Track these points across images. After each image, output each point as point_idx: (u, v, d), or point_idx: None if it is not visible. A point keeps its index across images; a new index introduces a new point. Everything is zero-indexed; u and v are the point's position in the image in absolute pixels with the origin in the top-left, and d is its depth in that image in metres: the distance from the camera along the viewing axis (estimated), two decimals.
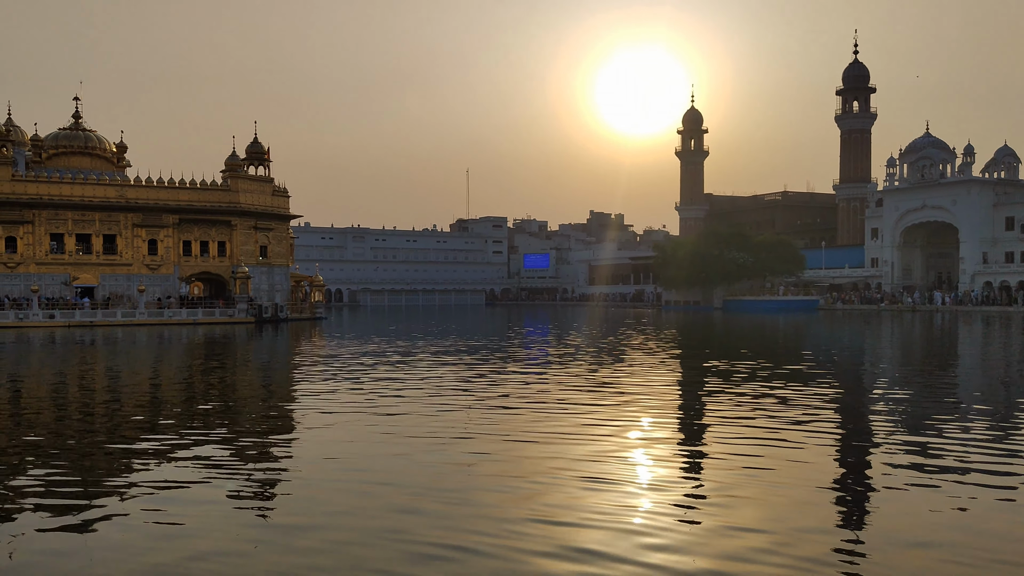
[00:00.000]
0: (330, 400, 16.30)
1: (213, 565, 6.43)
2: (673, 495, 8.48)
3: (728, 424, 12.79)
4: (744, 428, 12.35)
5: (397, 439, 11.83)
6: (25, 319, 54.16)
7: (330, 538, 7.07)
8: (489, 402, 15.75)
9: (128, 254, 61.03)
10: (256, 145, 66.61)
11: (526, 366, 23.84)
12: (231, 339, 40.69)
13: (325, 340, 38.93)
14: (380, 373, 21.68)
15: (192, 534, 7.26)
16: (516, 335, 41.53)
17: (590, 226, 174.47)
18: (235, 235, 64.43)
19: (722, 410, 14.36)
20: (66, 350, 33.46)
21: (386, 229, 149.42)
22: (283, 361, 28.40)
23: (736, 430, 12.19)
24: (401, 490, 8.77)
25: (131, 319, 57.04)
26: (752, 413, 13.83)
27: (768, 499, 8.25)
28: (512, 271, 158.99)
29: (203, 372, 23.98)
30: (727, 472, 9.54)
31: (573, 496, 8.38)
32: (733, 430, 12.21)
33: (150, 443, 11.72)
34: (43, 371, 24.39)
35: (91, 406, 16.45)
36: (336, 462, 10.42)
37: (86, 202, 59.37)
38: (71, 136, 63.29)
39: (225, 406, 16.15)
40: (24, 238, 57.91)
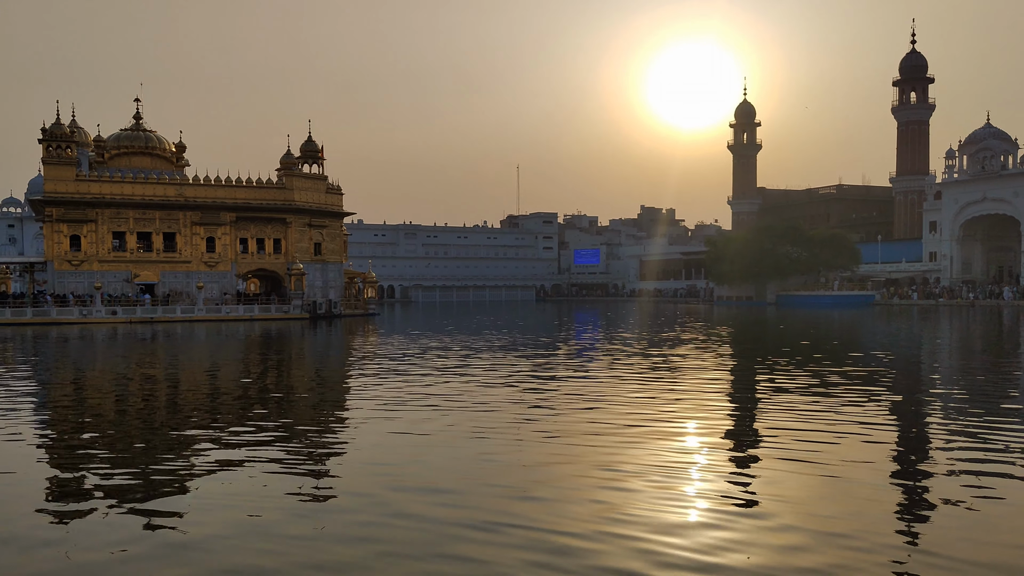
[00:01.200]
0: (384, 394, 16.46)
1: (270, 560, 6.52)
2: (727, 490, 8.46)
3: (783, 420, 12.65)
4: (799, 425, 12.21)
5: (447, 433, 11.93)
6: (89, 315, 55.72)
7: (386, 534, 7.14)
8: (539, 398, 15.74)
9: (187, 252, 62.42)
10: (310, 144, 67.58)
11: (577, 361, 23.84)
12: (286, 335, 41.37)
13: (378, 335, 39.37)
14: (433, 367, 21.83)
15: (250, 529, 7.37)
16: (567, 330, 41.51)
17: (641, 221, 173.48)
18: (290, 232, 65.46)
19: (776, 406, 14.19)
20: (128, 345, 34.34)
21: (437, 226, 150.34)
22: (338, 356, 28.77)
23: (791, 427, 12.06)
24: (450, 482, 8.87)
25: (190, 315, 58.34)
26: (807, 409, 13.68)
27: (824, 497, 8.20)
28: (562, 267, 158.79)
29: (260, 367, 24.43)
30: (780, 469, 9.46)
31: (623, 492, 8.38)
32: (788, 427, 12.08)
33: (210, 435, 11.99)
34: (106, 365, 25.09)
35: (153, 400, 16.86)
36: (392, 454, 10.56)
37: (147, 201, 60.86)
38: (132, 137, 64.89)
39: (281, 400, 16.41)
40: (88, 236, 59.57)
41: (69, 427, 13.19)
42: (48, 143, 58.50)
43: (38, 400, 17.01)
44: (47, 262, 59.65)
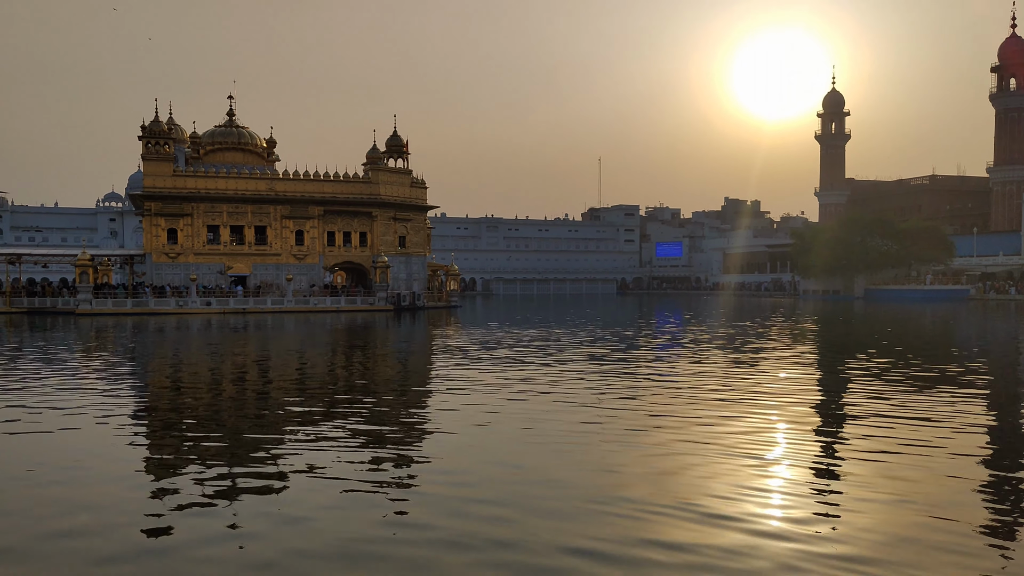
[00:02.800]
0: (468, 385, 16.70)
1: (347, 551, 6.67)
2: (811, 487, 8.48)
3: (870, 419, 12.46)
4: (887, 424, 12.02)
5: (531, 424, 12.12)
6: (184, 306, 57.97)
7: (472, 527, 7.26)
8: (621, 391, 15.80)
9: (277, 245, 64.32)
10: (395, 138, 68.81)
11: (659, 355, 23.84)
12: (371, 326, 42.35)
13: (460, 327, 39.98)
14: (515, 359, 22.10)
15: (331, 518, 7.51)
16: (649, 324, 41.41)
17: (725, 213, 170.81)
18: (375, 226, 66.81)
19: (864, 405, 13.95)
20: (221, 335, 35.72)
21: (519, 219, 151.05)
22: (420, 346, 29.35)
23: (878, 426, 11.89)
24: (536, 476, 9.05)
25: (280, 306, 60.14)
26: (895, 409, 13.44)
27: (908, 495, 8.18)
28: (644, 260, 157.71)
29: (346, 356, 25.16)
30: (865, 466, 9.44)
31: (707, 490, 8.40)
32: (875, 426, 11.91)
33: (298, 422, 12.47)
34: (202, 354, 26.20)
35: (245, 386, 17.61)
36: (475, 446, 10.79)
37: (239, 195, 62.92)
38: (225, 133, 67.10)
39: (367, 389, 16.93)
40: (184, 230, 61.94)
41: (166, 413, 13.94)
42: (147, 140, 60.99)
43: (139, 387, 17.98)
44: (146, 255, 62.26)
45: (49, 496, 8.33)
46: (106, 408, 14.04)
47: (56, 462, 9.87)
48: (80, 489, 8.60)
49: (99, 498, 8.26)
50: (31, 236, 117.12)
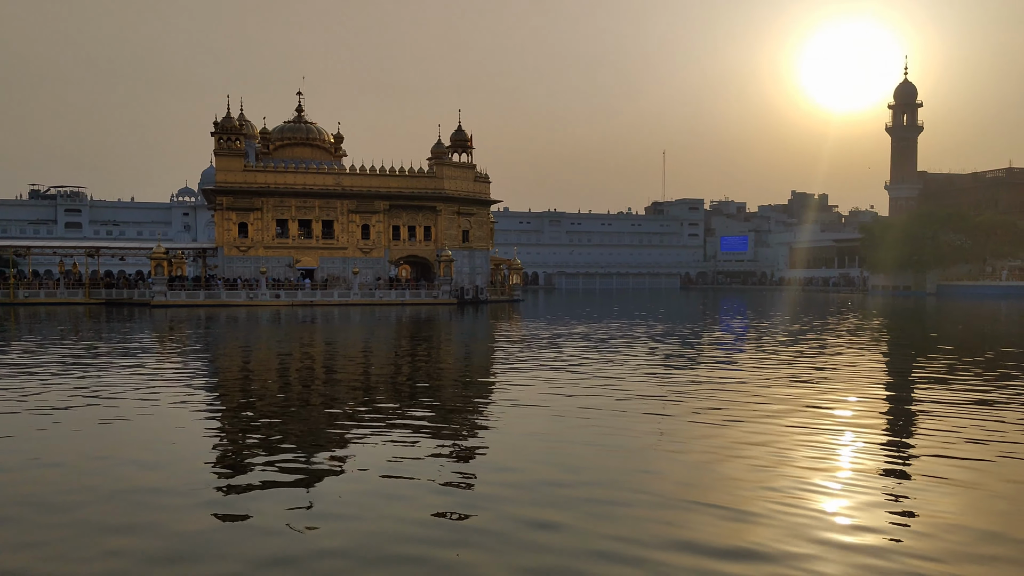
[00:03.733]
0: (529, 380, 16.74)
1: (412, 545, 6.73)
2: (880, 490, 8.34)
3: (940, 422, 12.18)
4: (958, 426, 11.74)
5: (591, 422, 12.04)
6: (255, 298, 59.46)
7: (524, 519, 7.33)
8: (685, 388, 15.72)
9: (344, 238, 65.47)
10: (460, 133, 69.39)
11: (724, 351, 23.73)
12: (435, 319, 42.92)
13: (522, 320, 40.26)
14: (577, 353, 22.16)
15: (394, 508, 7.62)
16: (713, 319, 41.12)
17: (791, 207, 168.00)
18: (439, 220, 67.52)
19: (936, 407, 13.59)
20: (289, 327, 36.59)
21: (581, 213, 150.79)
22: (483, 339, 29.62)
23: (949, 428, 11.61)
24: (597, 472, 9.10)
25: (346, 299, 61.26)
26: (968, 411, 13.10)
27: (979, 499, 8.05)
28: (708, 254, 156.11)
29: (411, 348, 25.55)
30: (935, 469, 9.27)
31: (773, 490, 8.25)
32: (945, 429, 11.61)
33: (360, 416, 12.76)
34: (272, 344, 26.94)
35: (312, 376, 18.12)
36: (539, 438, 10.91)
37: (307, 190, 64.21)
38: (294, 128, 68.43)
39: (430, 380, 17.26)
40: (254, 224, 63.47)
41: (236, 403, 14.45)
42: (219, 136, 62.62)
43: (211, 377, 18.65)
44: (218, 248, 63.96)
45: (123, 480, 8.68)
46: (179, 396, 14.66)
47: (130, 448, 10.29)
48: (152, 474, 8.91)
49: (170, 483, 8.57)
50: (109, 230, 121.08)
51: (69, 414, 12.74)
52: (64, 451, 10.16)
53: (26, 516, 7.42)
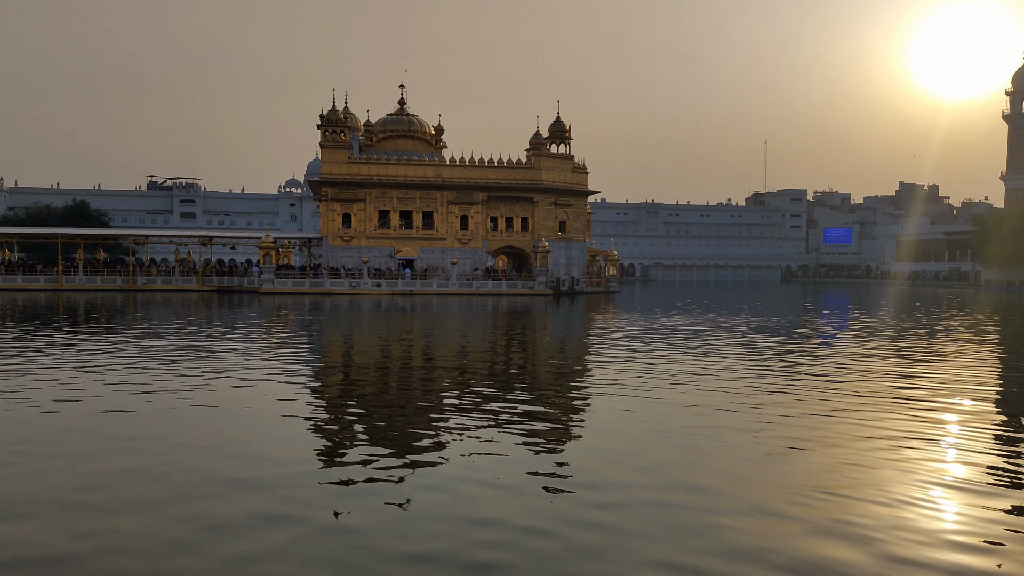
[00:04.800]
0: (623, 374, 16.65)
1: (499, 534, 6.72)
2: (988, 496, 7.94)
3: None
4: None
5: (683, 420, 11.67)
6: (357, 287, 61.26)
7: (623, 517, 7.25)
8: (784, 388, 15.28)
9: (443, 229, 66.73)
10: (558, 124, 69.69)
11: (827, 349, 23.36)
12: (531, 309, 43.40)
13: (618, 312, 40.35)
14: (673, 347, 22.10)
15: (488, 501, 7.60)
16: (816, 314, 40.33)
17: (899, 198, 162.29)
18: (537, 211, 68.06)
19: None
20: (390, 315, 37.67)
21: (679, 204, 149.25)
22: (579, 330, 29.79)
23: None
24: (674, 478, 8.75)
25: (444, 289, 62.48)
26: None
27: None
28: (810, 246, 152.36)
29: (506, 339, 25.91)
30: None
31: (876, 496, 7.87)
32: None
33: (460, 403, 13.16)
34: (374, 332, 27.88)
35: (410, 365, 18.67)
36: (631, 432, 10.83)
37: (408, 181, 65.68)
38: (397, 121, 70.03)
39: (526, 371, 17.54)
40: (357, 215, 65.34)
41: (337, 389, 15.12)
42: (325, 129, 64.63)
43: (315, 363, 19.55)
44: (322, 238, 66.08)
45: (225, 466, 9.05)
46: (285, 380, 15.49)
47: (234, 434, 10.71)
48: (249, 463, 9.15)
49: (264, 472, 8.88)
50: (221, 220, 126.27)
51: (169, 398, 13.65)
52: (165, 433, 10.95)
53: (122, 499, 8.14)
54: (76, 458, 9.13)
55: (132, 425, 11.03)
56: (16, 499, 7.51)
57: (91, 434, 10.43)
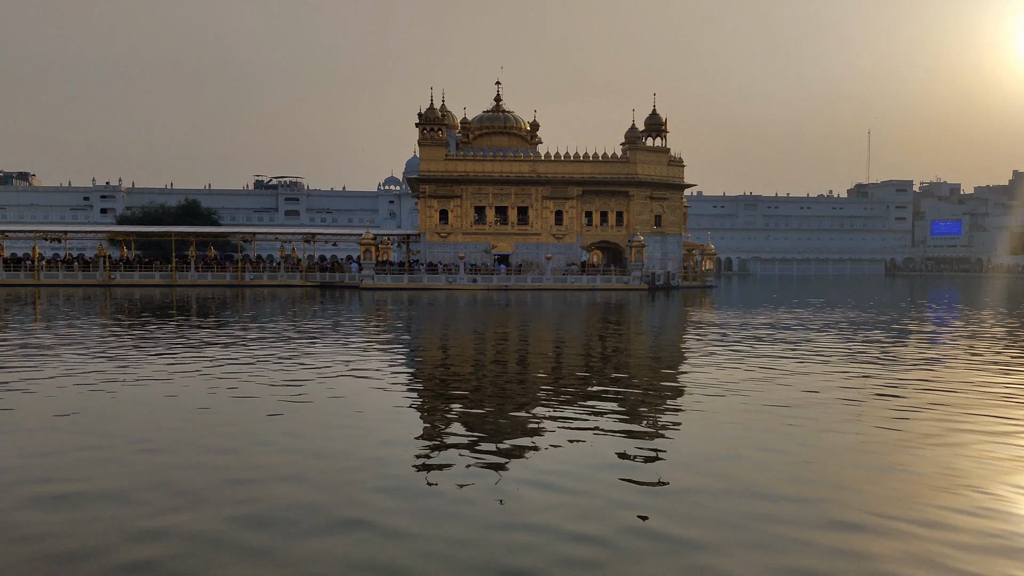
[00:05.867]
0: (720, 372, 16.36)
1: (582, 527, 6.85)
2: None
3: None
4: None
5: (779, 423, 11.25)
6: (453, 282, 62.34)
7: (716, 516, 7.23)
8: (889, 389, 14.44)
9: (538, 224, 67.23)
10: (654, 117, 69.33)
11: (935, 348, 22.70)
12: (625, 304, 43.47)
13: (716, 307, 40.06)
14: (773, 344, 21.81)
15: (575, 498, 7.62)
16: (922, 310, 39.09)
17: (1012, 188, 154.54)
18: (632, 205, 67.87)
19: None
20: (485, 309, 38.37)
21: (778, 196, 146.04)
22: (675, 327, 29.77)
23: None
24: (764, 489, 8.43)
25: (539, 284, 62.98)
26: None
27: None
28: (916, 239, 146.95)
29: (601, 335, 26.14)
30: None
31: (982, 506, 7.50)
32: None
33: (553, 397, 13.47)
34: (471, 326, 28.55)
35: (504, 359, 19.12)
36: (728, 437, 10.47)
37: (504, 177, 66.39)
38: (492, 118, 70.81)
39: (620, 366, 17.73)
40: (454, 211, 66.45)
41: (433, 382, 15.65)
42: (423, 127, 65.96)
43: (413, 356, 20.24)
44: (420, 234, 67.45)
45: (324, 456, 9.59)
46: (385, 373, 16.19)
47: (333, 423, 11.25)
48: (344, 456, 9.44)
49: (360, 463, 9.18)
50: (323, 217, 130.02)
51: (282, 389, 14.45)
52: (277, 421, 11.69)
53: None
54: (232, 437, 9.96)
55: (273, 417, 11.86)
56: (184, 486, 8.28)
57: (242, 421, 11.32)
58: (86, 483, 8.13)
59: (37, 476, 8.43)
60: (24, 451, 9.56)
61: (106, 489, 7.88)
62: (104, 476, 8.40)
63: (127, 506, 7.36)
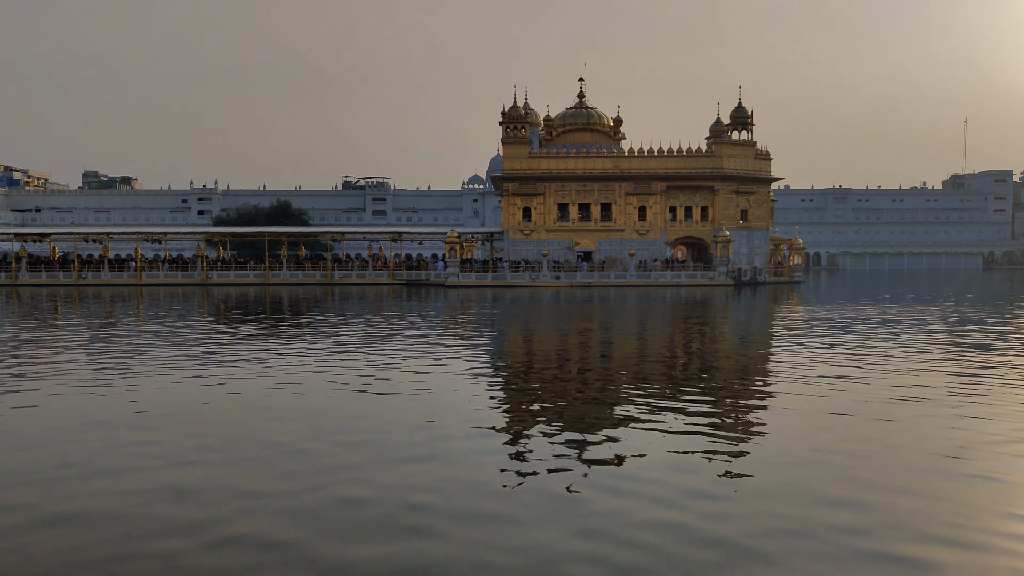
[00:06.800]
0: (808, 372, 15.68)
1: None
2: None
3: None
4: None
5: (872, 429, 10.63)
6: (536, 280, 62.73)
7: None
8: (992, 399, 13.13)
9: (621, 221, 67.09)
10: (740, 110, 68.49)
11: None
12: (710, 301, 43.13)
13: (803, 304, 39.45)
14: (864, 342, 21.38)
15: (652, 499, 7.55)
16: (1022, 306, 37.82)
17: None
18: (717, 200, 67.14)
19: None
20: (569, 306, 38.60)
21: (869, 189, 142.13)
22: (763, 324, 29.47)
23: None
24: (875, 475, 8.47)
25: (622, 281, 62.85)
26: None
27: None
28: (1016, 231, 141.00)
29: (685, 332, 26.06)
30: None
31: None
32: None
33: (636, 394, 13.61)
34: (555, 323, 28.88)
35: (587, 356, 19.36)
36: (813, 439, 10.21)
37: (587, 174, 66.47)
38: (575, 114, 70.95)
39: (705, 365, 17.70)
40: (537, 208, 66.85)
41: (517, 379, 15.98)
42: (506, 125, 66.53)
43: (496, 352, 20.64)
44: (503, 232, 68.08)
45: (406, 448, 9.93)
46: (470, 368, 16.63)
47: (413, 420, 11.53)
48: (427, 447, 9.76)
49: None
50: (409, 216, 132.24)
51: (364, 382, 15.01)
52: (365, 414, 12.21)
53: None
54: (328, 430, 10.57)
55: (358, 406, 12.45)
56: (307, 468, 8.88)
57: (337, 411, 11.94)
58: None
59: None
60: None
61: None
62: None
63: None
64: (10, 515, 7.16)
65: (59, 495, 7.73)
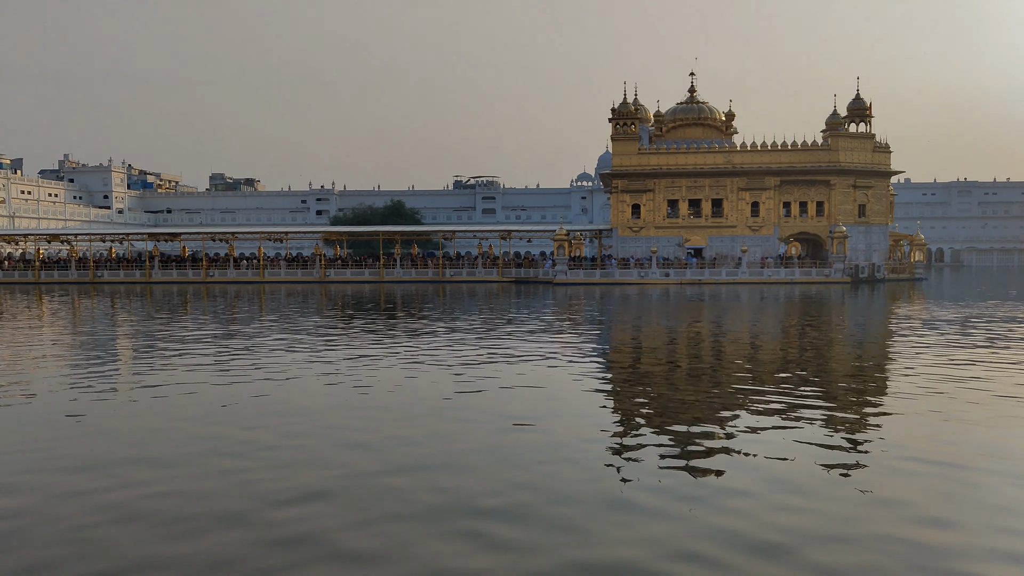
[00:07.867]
0: (930, 378, 14.66)
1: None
2: None
3: None
4: None
5: (989, 442, 9.88)
6: (645, 276, 62.42)
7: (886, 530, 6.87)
8: None
9: (732, 216, 66.04)
10: (857, 101, 66.50)
11: None
12: (826, 299, 41.99)
13: (925, 302, 38.03)
14: (991, 343, 20.62)
15: (766, 501, 7.46)
16: None
17: None
18: (833, 194, 65.30)
19: None
20: (678, 304, 38.30)
21: (997, 181, 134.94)
22: (881, 324, 28.52)
23: None
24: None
25: (734, 277, 61.88)
26: None
27: None
28: None
29: (799, 331, 25.52)
30: None
31: None
32: None
33: (748, 395, 13.49)
34: (664, 321, 28.78)
35: (698, 354, 19.24)
36: (929, 450, 9.57)
37: (697, 170, 65.73)
38: (686, 109, 70.24)
39: (821, 366, 17.28)
40: (646, 205, 66.51)
41: (626, 378, 16.06)
42: (615, 121, 66.44)
43: (606, 350, 20.78)
44: (612, 229, 67.99)
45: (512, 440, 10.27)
46: (573, 366, 16.83)
47: (522, 412, 11.86)
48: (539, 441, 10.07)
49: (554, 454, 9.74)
50: (518, 215, 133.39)
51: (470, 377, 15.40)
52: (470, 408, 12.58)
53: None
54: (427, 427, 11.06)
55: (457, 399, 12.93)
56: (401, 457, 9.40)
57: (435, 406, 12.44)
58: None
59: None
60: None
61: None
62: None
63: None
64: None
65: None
